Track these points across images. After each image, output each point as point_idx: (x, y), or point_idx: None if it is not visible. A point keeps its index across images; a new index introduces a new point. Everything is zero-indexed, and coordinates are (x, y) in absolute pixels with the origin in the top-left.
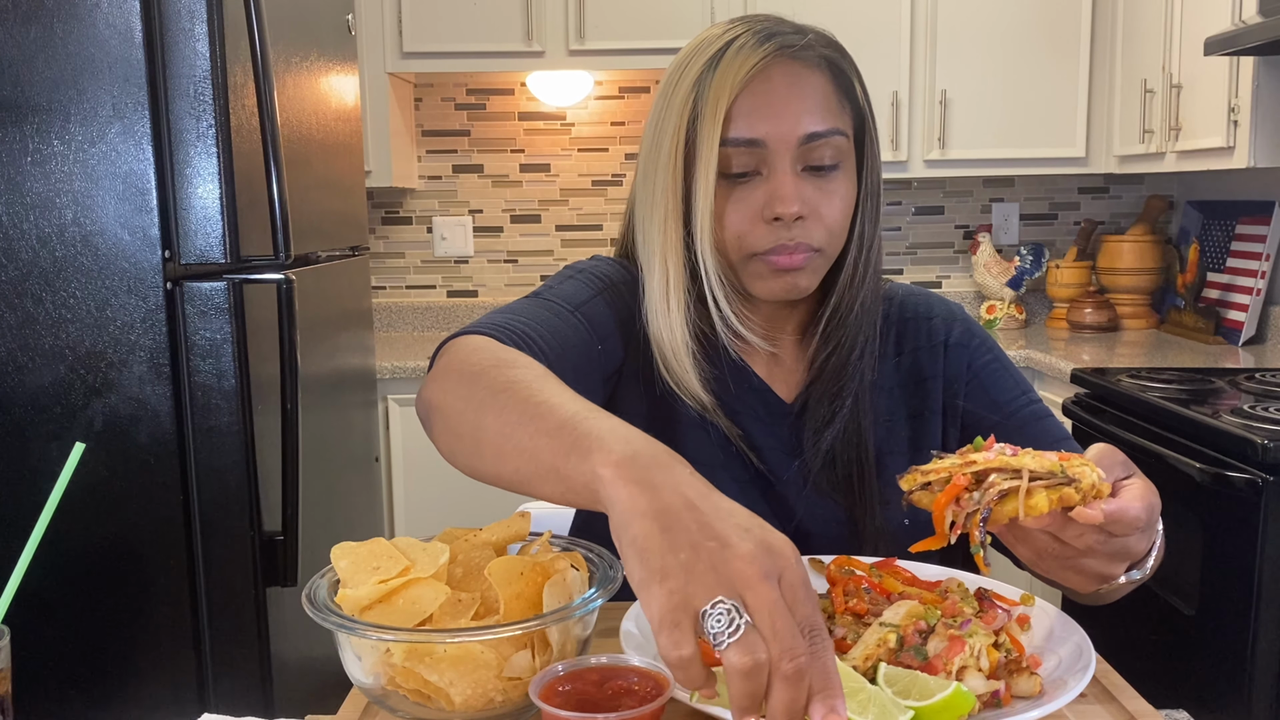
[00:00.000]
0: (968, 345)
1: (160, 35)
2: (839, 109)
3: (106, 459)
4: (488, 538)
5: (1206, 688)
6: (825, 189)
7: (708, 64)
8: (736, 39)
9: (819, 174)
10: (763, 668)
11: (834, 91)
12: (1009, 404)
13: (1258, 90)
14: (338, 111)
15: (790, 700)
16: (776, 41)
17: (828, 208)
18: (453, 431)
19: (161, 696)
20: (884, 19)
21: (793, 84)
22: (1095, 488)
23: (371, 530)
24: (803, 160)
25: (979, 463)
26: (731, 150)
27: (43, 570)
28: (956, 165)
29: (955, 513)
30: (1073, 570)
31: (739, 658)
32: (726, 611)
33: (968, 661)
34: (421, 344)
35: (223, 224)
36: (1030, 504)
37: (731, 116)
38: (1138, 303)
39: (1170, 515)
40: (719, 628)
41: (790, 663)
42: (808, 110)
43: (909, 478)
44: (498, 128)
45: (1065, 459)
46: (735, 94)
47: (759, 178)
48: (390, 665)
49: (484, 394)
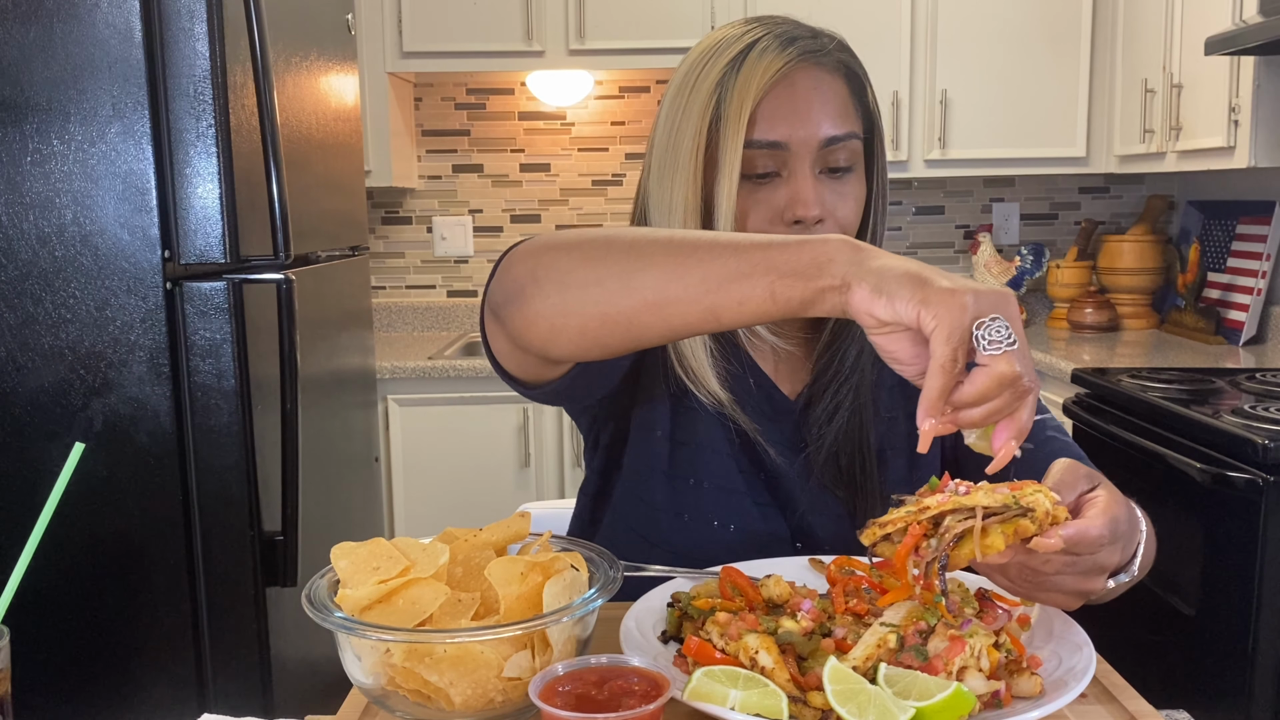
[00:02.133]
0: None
1: (160, 35)
2: (854, 113)
3: (106, 459)
4: (488, 538)
5: (1206, 688)
6: (840, 191)
7: (730, 65)
8: (758, 41)
9: (835, 176)
10: (1019, 379)
11: (850, 96)
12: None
13: (1258, 90)
14: (337, 111)
15: (1023, 417)
16: (800, 46)
17: (843, 209)
18: (584, 280)
19: (161, 696)
20: (884, 19)
21: (815, 88)
22: (1050, 514)
23: (371, 530)
24: (821, 163)
25: (932, 508)
26: (755, 152)
27: (43, 570)
28: (957, 165)
29: (916, 562)
30: (1050, 591)
31: (1009, 366)
32: (1004, 326)
33: (968, 662)
34: (421, 344)
35: (222, 224)
36: (986, 543)
37: (755, 119)
38: (1138, 303)
39: (1170, 515)
40: (998, 337)
41: (1031, 382)
42: (828, 115)
43: (869, 531)
44: (498, 127)
45: (1017, 488)
46: (760, 96)
47: (779, 179)
48: (390, 665)
49: (628, 240)
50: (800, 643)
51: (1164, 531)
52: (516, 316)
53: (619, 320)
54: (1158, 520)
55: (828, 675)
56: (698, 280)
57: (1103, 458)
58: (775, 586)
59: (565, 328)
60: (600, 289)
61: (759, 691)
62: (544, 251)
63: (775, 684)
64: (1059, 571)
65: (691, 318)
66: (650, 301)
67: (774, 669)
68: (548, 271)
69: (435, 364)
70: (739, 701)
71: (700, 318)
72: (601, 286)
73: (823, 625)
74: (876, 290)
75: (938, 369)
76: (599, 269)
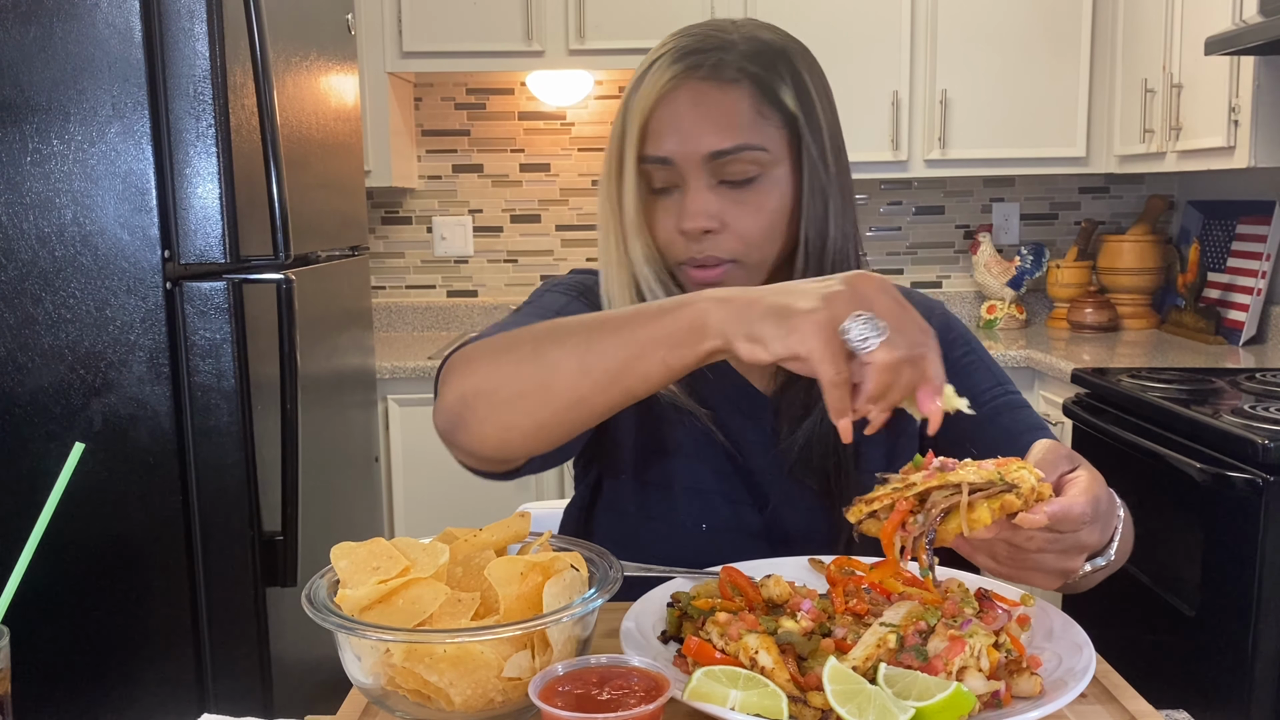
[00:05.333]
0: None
1: (160, 35)
2: (755, 123)
3: (106, 459)
4: (488, 538)
5: (1206, 688)
6: (741, 201)
7: (634, 82)
8: (659, 59)
9: (735, 187)
10: (900, 361)
11: (750, 107)
12: (983, 395)
13: (1258, 90)
14: (337, 111)
15: (931, 374)
16: (689, 62)
17: (743, 221)
18: (508, 396)
19: (161, 696)
20: (884, 19)
21: (697, 104)
22: (1035, 490)
23: (371, 530)
24: (717, 175)
25: (918, 484)
26: (650, 167)
27: (43, 570)
28: (957, 165)
29: (903, 538)
30: (1031, 569)
31: (887, 355)
32: (868, 320)
33: (968, 662)
34: (421, 344)
35: (222, 224)
36: (973, 518)
37: (645, 135)
38: (1138, 303)
39: (1170, 515)
40: (867, 332)
41: (918, 346)
42: (712, 129)
43: (855, 509)
44: (498, 127)
45: (1003, 465)
46: (647, 114)
47: (678, 191)
48: (390, 665)
49: (531, 345)
50: (800, 643)
51: (1164, 531)
52: (464, 441)
53: (554, 422)
54: (1158, 520)
55: (828, 675)
56: (601, 373)
57: (1103, 458)
58: (775, 586)
59: (510, 439)
60: (526, 401)
61: (759, 691)
62: (467, 373)
63: (775, 684)
64: (1041, 549)
65: (614, 401)
66: (571, 400)
67: (774, 669)
68: (475, 395)
69: (435, 364)
70: (739, 701)
71: (621, 399)
72: (526, 399)
73: (823, 625)
74: (750, 339)
75: (829, 387)
76: (518, 382)
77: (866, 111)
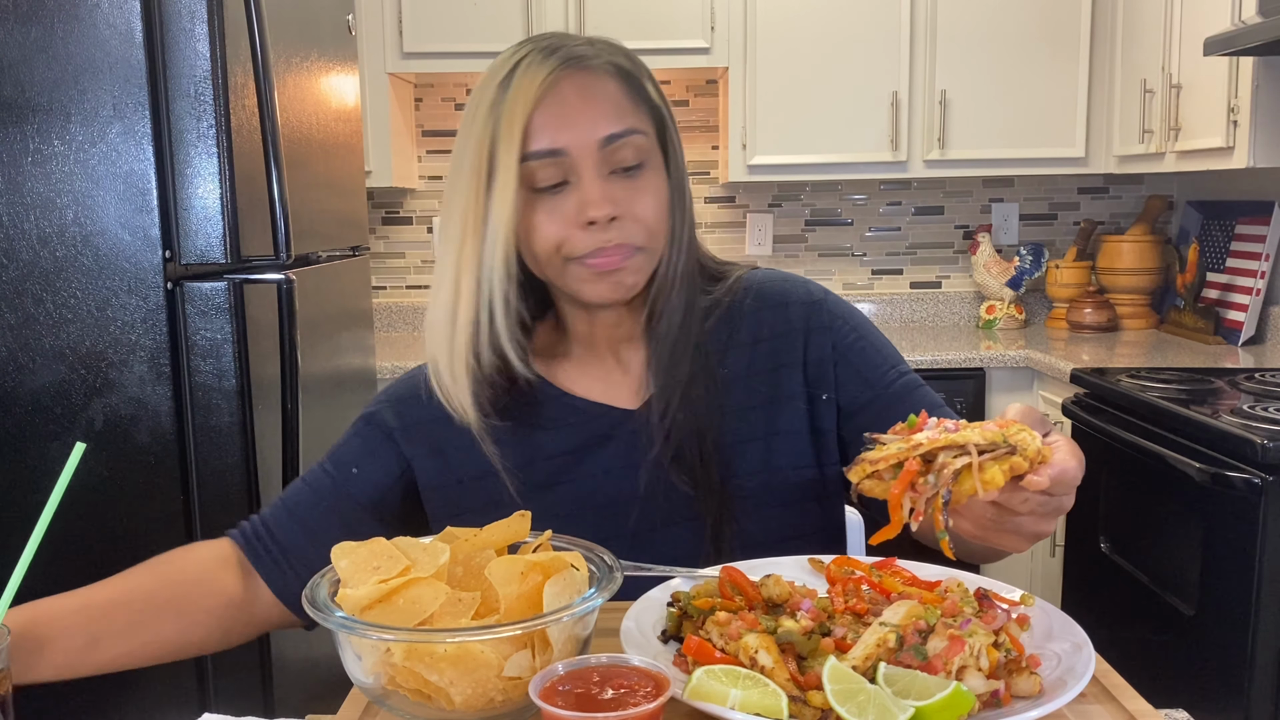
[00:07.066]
0: (830, 328)
1: (160, 35)
2: (634, 110)
3: (107, 459)
4: (488, 538)
5: (1206, 688)
6: (634, 187)
7: (500, 87)
8: (523, 59)
9: (626, 175)
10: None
11: (626, 95)
12: (880, 379)
13: (1257, 90)
14: (338, 111)
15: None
16: (562, 54)
17: (641, 206)
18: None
19: (161, 696)
20: (884, 19)
21: (583, 91)
22: (1039, 452)
23: None
24: (607, 164)
25: (925, 444)
26: (535, 164)
27: (43, 570)
28: (956, 165)
29: (913, 499)
30: (1010, 533)
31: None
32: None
33: (967, 661)
34: (421, 344)
35: (223, 224)
36: (985, 479)
37: (530, 132)
38: (1137, 303)
39: (1169, 515)
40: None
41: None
42: (602, 115)
43: (857, 469)
44: None
45: (1004, 426)
46: (530, 110)
47: (567, 187)
48: (390, 665)
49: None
50: (800, 642)
51: (1163, 531)
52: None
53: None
54: (1157, 520)
55: (827, 675)
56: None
57: (1102, 458)
58: (775, 586)
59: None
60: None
61: (759, 691)
62: None
63: (775, 683)
64: (1031, 512)
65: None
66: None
67: (774, 668)
68: None
69: None
70: (739, 701)
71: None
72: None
73: (822, 625)
74: None
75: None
76: None
77: (866, 111)
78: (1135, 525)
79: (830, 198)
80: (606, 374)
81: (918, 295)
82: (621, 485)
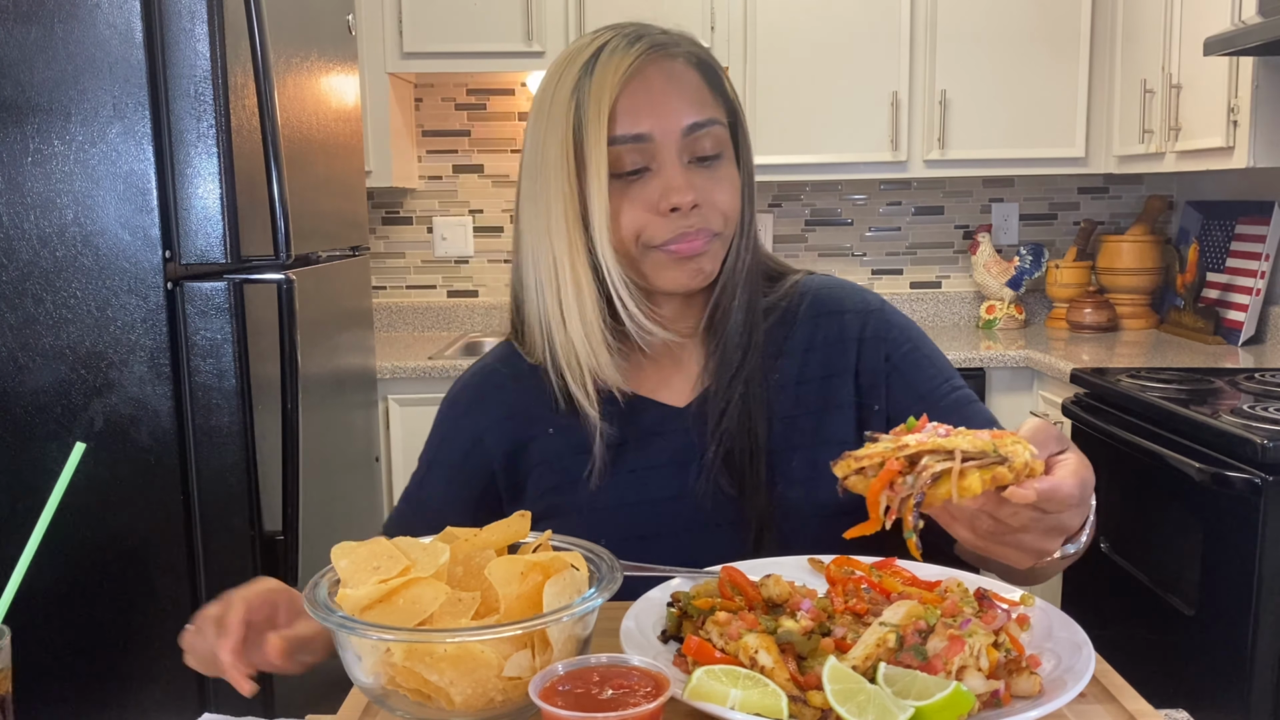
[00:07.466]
0: (885, 338)
1: (160, 35)
2: (714, 101)
3: (107, 459)
4: (488, 538)
5: (1206, 688)
6: (714, 176)
7: (583, 70)
8: (607, 44)
9: (705, 163)
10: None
11: (706, 85)
12: (932, 392)
13: (1257, 90)
14: (338, 111)
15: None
16: (646, 41)
17: (720, 193)
18: None
19: (162, 696)
20: (884, 19)
21: (668, 79)
22: (1028, 466)
23: (371, 530)
24: (688, 152)
25: (911, 446)
26: (621, 149)
27: (43, 570)
28: (956, 165)
29: (890, 498)
30: (1009, 547)
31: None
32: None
33: (967, 661)
34: (422, 344)
35: (223, 224)
36: (963, 485)
37: (615, 116)
38: (1137, 303)
39: (1169, 515)
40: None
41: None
42: (687, 103)
43: (843, 464)
44: (498, 128)
45: (998, 437)
46: (616, 93)
47: (649, 173)
48: (390, 665)
49: None
50: (800, 642)
51: (1163, 531)
52: None
53: None
54: (1157, 520)
55: (827, 675)
56: None
57: (1102, 457)
58: (775, 586)
59: None
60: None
61: (759, 691)
62: None
63: (775, 683)
64: (1024, 526)
65: None
66: None
67: (774, 668)
68: None
69: (435, 364)
70: (739, 701)
71: None
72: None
73: (822, 625)
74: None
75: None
76: None
77: (866, 112)
78: (1135, 525)
79: (830, 198)
80: (659, 370)
81: (918, 295)
82: (667, 483)
